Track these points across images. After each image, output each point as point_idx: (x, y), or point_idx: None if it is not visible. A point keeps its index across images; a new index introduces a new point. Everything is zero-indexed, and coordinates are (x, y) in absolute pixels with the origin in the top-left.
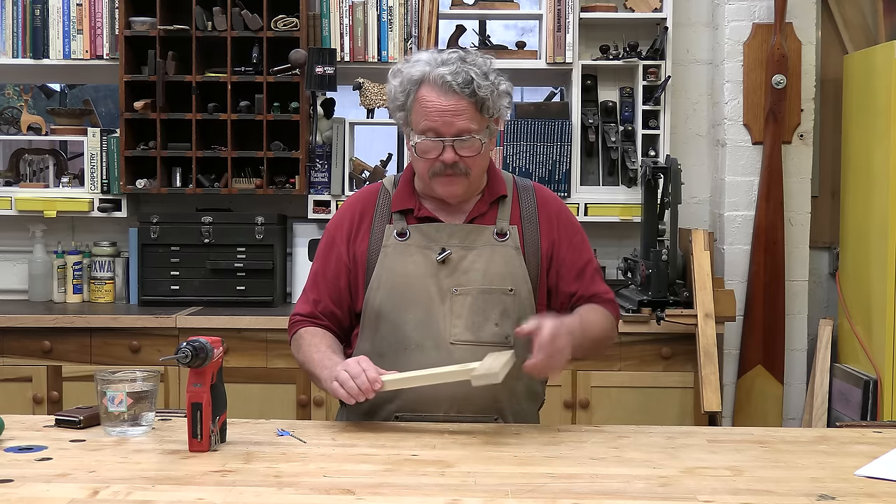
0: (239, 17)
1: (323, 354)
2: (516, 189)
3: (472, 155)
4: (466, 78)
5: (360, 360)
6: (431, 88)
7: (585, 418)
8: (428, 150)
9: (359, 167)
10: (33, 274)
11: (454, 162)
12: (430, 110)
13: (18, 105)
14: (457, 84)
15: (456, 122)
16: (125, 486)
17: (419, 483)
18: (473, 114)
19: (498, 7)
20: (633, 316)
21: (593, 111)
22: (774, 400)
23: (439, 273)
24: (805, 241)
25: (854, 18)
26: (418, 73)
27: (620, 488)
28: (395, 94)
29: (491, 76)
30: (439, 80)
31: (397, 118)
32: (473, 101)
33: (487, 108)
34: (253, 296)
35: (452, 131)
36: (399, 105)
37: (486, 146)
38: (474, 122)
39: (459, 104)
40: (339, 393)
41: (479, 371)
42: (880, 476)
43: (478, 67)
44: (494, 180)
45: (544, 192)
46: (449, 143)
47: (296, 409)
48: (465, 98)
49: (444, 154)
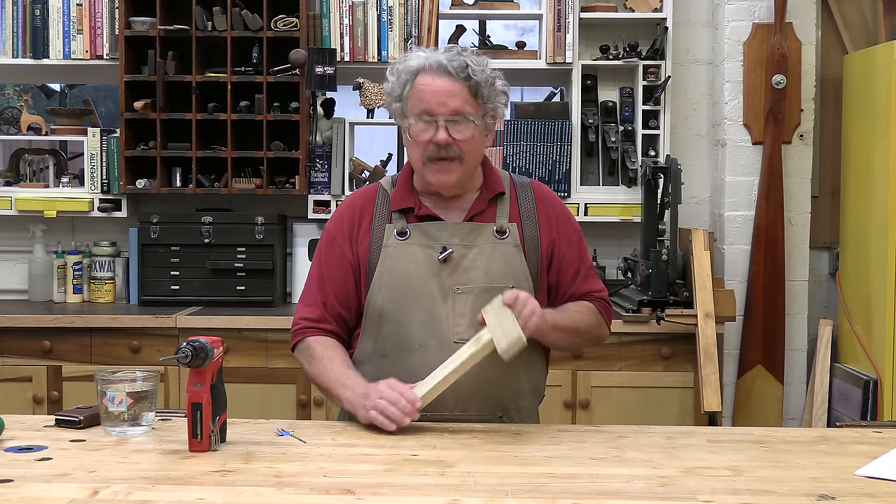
0: (239, 17)
1: (340, 371)
2: (514, 186)
3: (466, 138)
4: (462, 63)
5: (391, 385)
6: (427, 74)
7: (585, 418)
8: (421, 132)
9: (359, 167)
10: (33, 274)
11: (447, 144)
12: (424, 92)
13: (18, 105)
14: (452, 68)
15: (450, 103)
16: (125, 486)
17: (419, 483)
18: (468, 97)
19: (498, 7)
20: (633, 316)
21: (593, 111)
22: (774, 400)
23: (441, 272)
24: (805, 241)
25: (854, 18)
26: (415, 64)
27: (620, 488)
28: (393, 87)
29: (487, 70)
30: (435, 65)
31: (394, 110)
32: (468, 86)
33: (482, 94)
34: (253, 296)
35: (446, 111)
36: (396, 96)
37: (479, 132)
38: (468, 105)
39: (454, 86)
40: (380, 421)
41: (503, 344)
42: (880, 476)
43: (475, 57)
44: (491, 178)
45: (542, 189)
46: (442, 124)
47: (296, 409)
48: (459, 81)
49: (438, 134)
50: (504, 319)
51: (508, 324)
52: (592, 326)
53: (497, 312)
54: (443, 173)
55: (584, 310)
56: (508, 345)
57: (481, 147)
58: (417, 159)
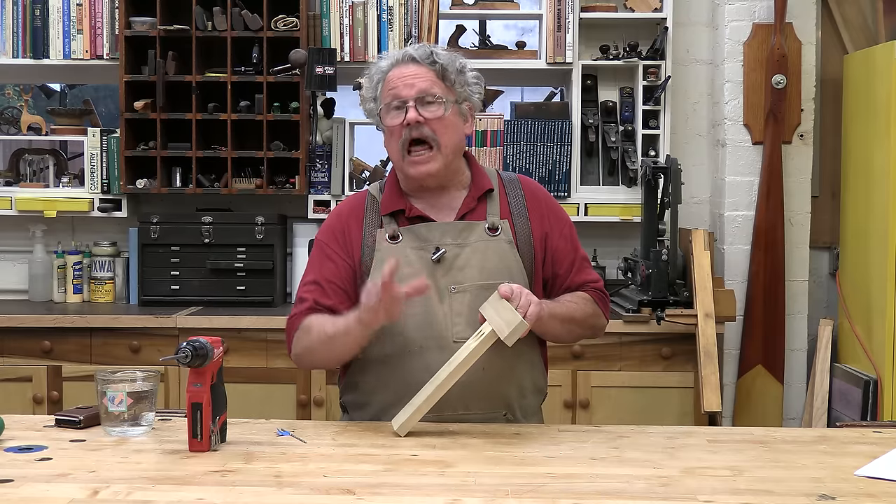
0: (239, 17)
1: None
2: (502, 183)
3: (436, 117)
4: (426, 51)
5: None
6: (396, 67)
7: (585, 418)
8: (393, 119)
9: (359, 167)
10: (33, 274)
11: (418, 122)
12: (393, 80)
13: (18, 105)
14: (417, 55)
15: (417, 84)
16: (125, 486)
17: (419, 483)
18: (434, 79)
19: (498, 7)
20: (633, 316)
21: (593, 111)
22: (774, 400)
23: (435, 272)
24: (805, 241)
25: (854, 18)
26: (385, 63)
27: (620, 488)
28: (367, 89)
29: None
30: (402, 57)
31: (369, 111)
32: (434, 70)
33: (449, 78)
34: (253, 296)
35: (413, 92)
36: (371, 97)
37: (453, 114)
38: (436, 87)
39: (420, 70)
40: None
41: (505, 331)
42: (880, 476)
43: (442, 48)
44: (479, 176)
45: (530, 183)
46: (412, 104)
47: (296, 409)
48: (425, 66)
49: (408, 114)
50: (503, 310)
51: (508, 313)
52: (589, 316)
53: (495, 306)
54: (421, 164)
55: (581, 300)
56: (510, 330)
57: (457, 132)
58: (396, 155)
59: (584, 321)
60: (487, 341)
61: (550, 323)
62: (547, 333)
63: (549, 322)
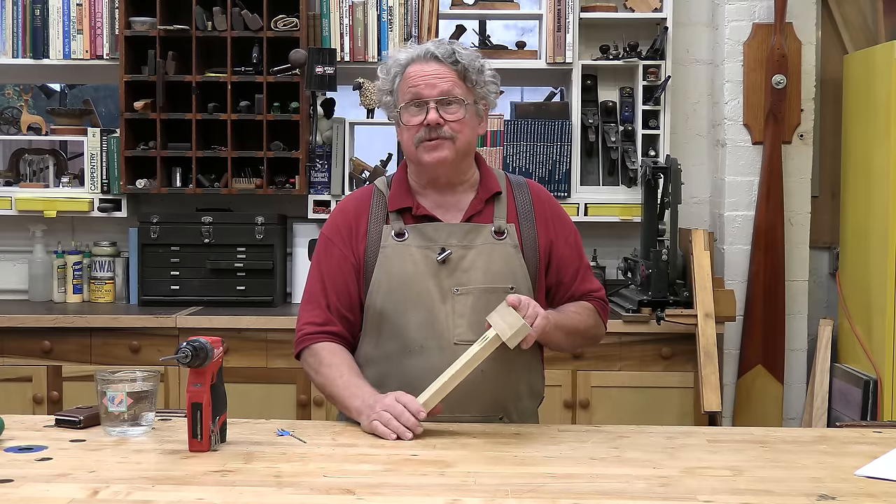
0: (239, 17)
1: (348, 380)
2: (510, 186)
3: (456, 119)
4: (449, 49)
5: (398, 398)
6: (416, 63)
7: (585, 418)
8: (413, 116)
9: (359, 167)
10: (33, 274)
11: (438, 125)
12: (414, 78)
13: (18, 105)
14: (440, 53)
15: (439, 84)
16: (125, 486)
17: (419, 483)
18: (457, 80)
19: (498, 7)
20: (633, 316)
21: (593, 111)
22: (774, 400)
23: (440, 273)
24: (805, 241)
25: (854, 18)
26: (404, 57)
27: (620, 488)
28: (384, 81)
29: (476, 58)
30: (424, 54)
31: (386, 104)
32: (456, 70)
33: (471, 79)
34: (253, 296)
35: (435, 93)
36: (387, 90)
37: (471, 116)
38: (458, 88)
39: (442, 70)
40: (381, 430)
41: (508, 334)
42: (880, 476)
43: (463, 47)
44: (487, 177)
45: (538, 188)
46: (433, 105)
47: (296, 409)
48: (447, 65)
49: (429, 115)
50: (507, 316)
51: (512, 317)
52: (591, 326)
53: (501, 312)
54: (436, 150)
55: (584, 310)
56: (513, 332)
57: (473, 132)
58: (409, 144)
59: (586, 332)
60: (491, 346)
61: (555, 335)
62: (550, 344)
63: (554, 333)
